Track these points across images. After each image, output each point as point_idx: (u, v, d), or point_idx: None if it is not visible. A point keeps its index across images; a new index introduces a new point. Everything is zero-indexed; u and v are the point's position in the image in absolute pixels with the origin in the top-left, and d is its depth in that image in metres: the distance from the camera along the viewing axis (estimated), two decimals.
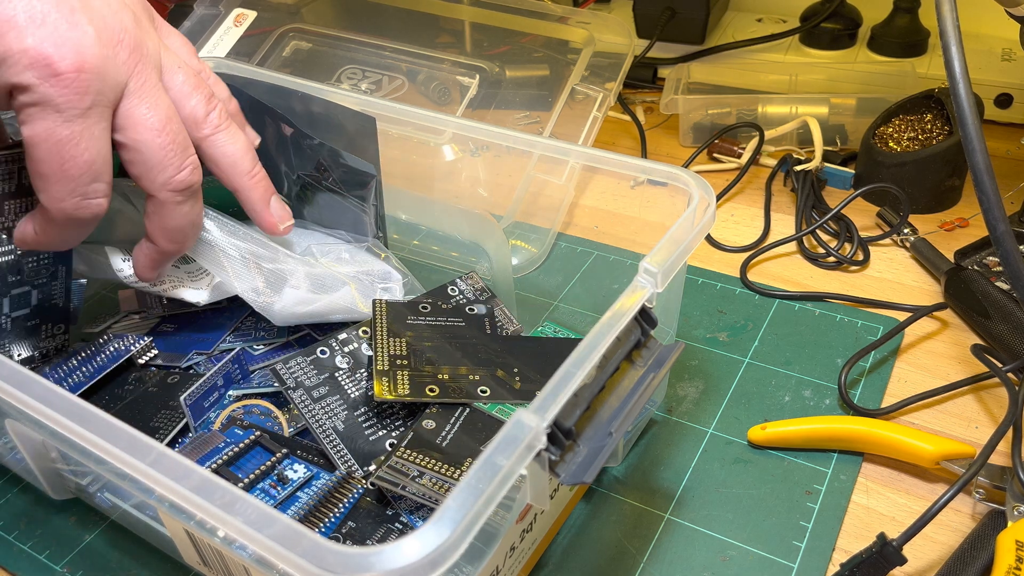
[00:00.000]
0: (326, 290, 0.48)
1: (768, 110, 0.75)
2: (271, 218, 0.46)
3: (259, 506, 0.29)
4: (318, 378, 0.45)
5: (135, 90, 0.38)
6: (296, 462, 0.41)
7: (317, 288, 0.47)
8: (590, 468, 0.33)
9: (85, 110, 0.36)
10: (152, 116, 0.39)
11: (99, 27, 0.37)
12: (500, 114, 0.70)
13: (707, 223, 0.42)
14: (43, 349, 0.49)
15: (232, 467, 0.40)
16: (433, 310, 0.48)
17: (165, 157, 0.39)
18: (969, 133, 0.41)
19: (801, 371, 0.53)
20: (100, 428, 0.32)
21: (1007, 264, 0.42)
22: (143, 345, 0.48)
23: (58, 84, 0.35)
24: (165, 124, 0.39)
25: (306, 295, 0.47)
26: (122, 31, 0.38)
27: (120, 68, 0.38)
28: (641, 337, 0.38)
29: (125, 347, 0.48)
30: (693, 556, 0.43)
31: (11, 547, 0.45)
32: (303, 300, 0.47)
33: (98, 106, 0.37)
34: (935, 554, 0.43)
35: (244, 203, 0.46)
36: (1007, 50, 0.78)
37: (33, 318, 0.48)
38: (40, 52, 0.35)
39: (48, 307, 0.48)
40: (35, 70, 0.35)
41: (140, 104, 0.38)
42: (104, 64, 0.37)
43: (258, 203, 0.46)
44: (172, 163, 0.40)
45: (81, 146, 0.37)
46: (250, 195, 0.45)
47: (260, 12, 0.74)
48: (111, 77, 0.37)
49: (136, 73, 0.38)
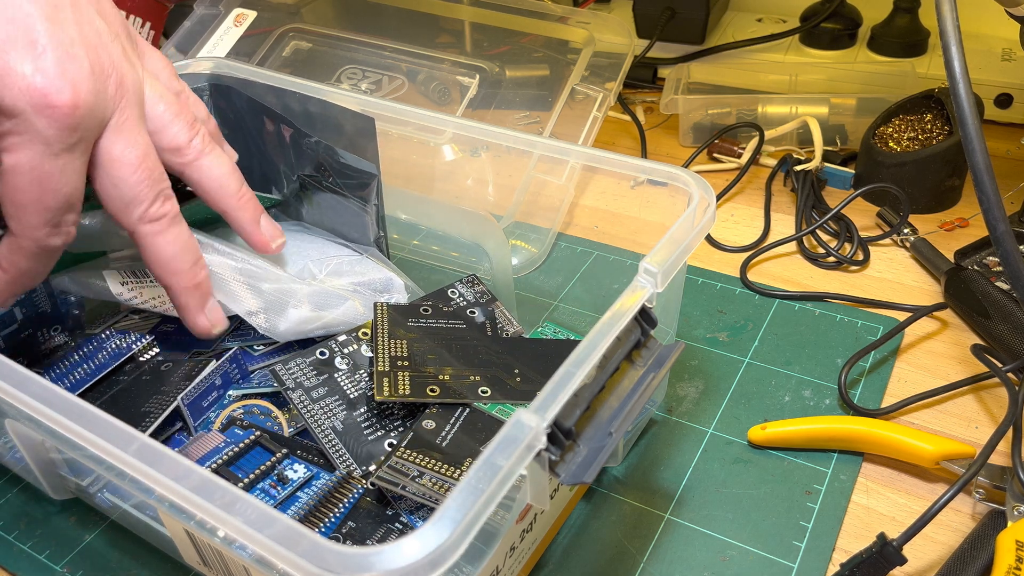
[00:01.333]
0: (329, 308, 0.48)
1: (768, 110, 0.75)
2: (262, 237, 0.46)
3: (259, 506, 0.29)
4: (317, 379, 0.45)
5: (116, 126, 0.38)
6: (296, 462, 0.41)
7: (320, 306, 0.48)
8: (590, 468, 0.33)
9: (72, 145, 0.36)
10: (130, 153, 0.39)
11: (93, 59, 0.37)
12: (500, 114, 0.70)
13: (707, 223, 0.42)
14: (46, 351, 0.49)
15: (232, 467, 0.40)
16: (434, 313, 0.48)
17: (140, 192, 0.39)
18: (969, 133, 0.41)
19: (801, 371, 0.53)
20: (100, 428, 0.32)
21: (1007, 264, 0.42)
22: (145, 344, 0.48)
23: (51, 117, 0.35)
24: (141, 161, 0.39)
25: (309, 314, 0.47)
26: (111, 64, 0.38)
27: (107, 103, 0.37)
28: (641, 337, 0.38)
29: (126, 345, 0.48)
30: (693, 556, 0.43)
31: (11, 547, 0.45)
32: (306, 319, 0.47)
33: (83, 141, 0.37)
34: (935, 554, 0.43)
35: (234, 224, 0.46)
36: (1007, 50, 0.78)
37: (24, 330, 0.47)
38: (38, 84, 0.34)
39: (37, 316, 0.48)
40: (29, 98, 0.34)
41: (119, 141, 0.38)
42: (95, 100, 0.36)
43: (248, 224, 0.46)
44: (146, 197, 0.40)
45: (63, 180, 0.36)
46: (239, 216, 0.45)
47: (260, 12, 0.74)
48: (99, 112, 0.37)
49: (120, 108, 0.38)
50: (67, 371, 0.46)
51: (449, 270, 0.60)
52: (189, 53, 0.70)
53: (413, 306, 0.48)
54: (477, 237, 0.54)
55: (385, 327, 0.46)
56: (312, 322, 0.47)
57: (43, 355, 0.49)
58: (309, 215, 0.55)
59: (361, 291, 0.50)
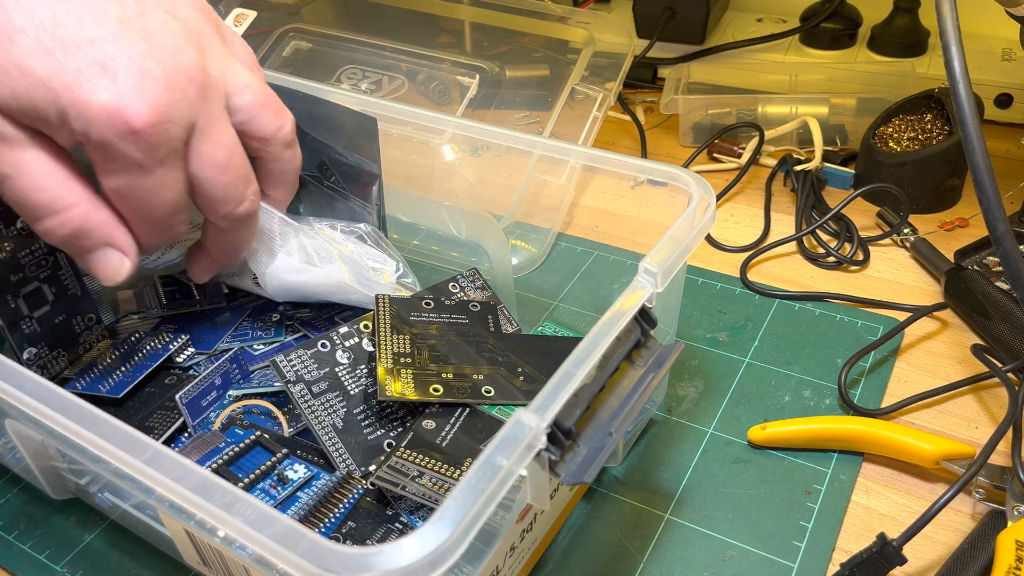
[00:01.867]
0: (317, 262, 0.47)
1: (768, 110, 0.75)
2: None
3: (259, 506, 0.29)
4: (319, 372, 0.44)
5: (202, 128, 0.37)
6: (296, 462, 0.41)
7: (308, 259, 0.47)
8: (590, 468, 0.33)
9: (162, 159, 0.36)
10: (218, 153, 0.38)
11: (167, 68, 0.35)
12: (500, 114, 0.70)
13: (707, 223, 0.42)
14: (86, 344, 0.49)
15: (232, 467, 0.40)
16: (436, 306, 0.48)
17: (228, 192, 0.39)
18: (969, 133, 0.41)
19: (801, 371, 0.53)
20: (99, 428, 0.32)
21: (1007, 264, 0.42)
22: (181, 343, 0.48)
23: (135, 140, 0.34)
24: (229, 160, 0.39)
25: (298, 264, 0.47)
26: (190, 67, 0.36)
27: (189, 109, 0.36)
28: (641, 337, 0.38)
29: (163, 346, 0.48)
30: (693, 556, 0.43)
31: (11, 547, 0.45)
32: (293, 269, 0.47)
33: (173, 152, 0.36)
34: (935, 554, 0.43)
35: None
36: (1007, 50, 0.78)
37: (59, 314, 0.47)
38: (115, 108, 0.34)
39: (68, 299, 0.48)
40: (111, 127, 0.34)
41: (206, 142, 0.38)
42: (175, 110, 0.36)
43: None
44: (234, 197, 0.40)
45: (163, 192, 0.37)
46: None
47: (260, 12, 0.74)
48: (182, 120, 0.36)
49: (203, 111, 0.37)
50: (104, 375, 0.46)
51: (449, 270, 0.60)
52: None
53: (415, 299, 0.48)
54: (477, 237, 0.53)
55: (387, 321, 0.46)
56: (299, 273, 0.47)
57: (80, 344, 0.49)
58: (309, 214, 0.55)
59: (353, 258, 0.49)
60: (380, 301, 0.47)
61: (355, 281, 0.48)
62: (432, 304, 0.48)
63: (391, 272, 0.51)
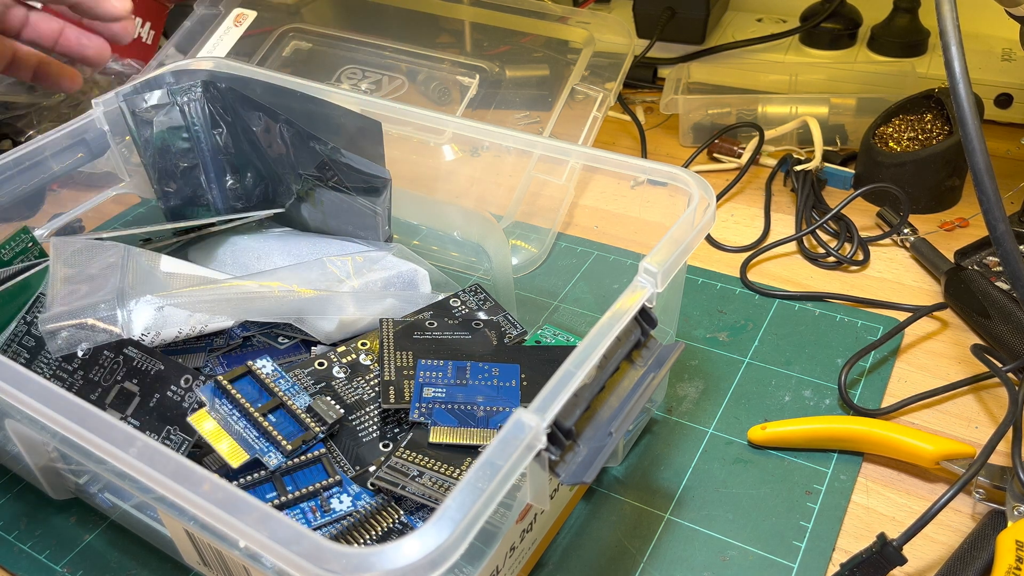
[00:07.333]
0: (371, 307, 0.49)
1: (768, 110, 0.75)
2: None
3: (260, 506, 0.29)
4: (315, 387, 0.45)
5: None
6: (345, 492, 0.41)
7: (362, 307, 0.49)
8: (590, 468, 0.33)
9: None
10: None
11: None
12: (500, 114, 0.70)
13: (707, 223, 0.42)
14: None
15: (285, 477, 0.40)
16: (440, 326, 0.48)
17: None
18: (969, 133, 0.41)
19: (801, 371, 0.53)
20: (100, 428, 0.32)
21: (1007, 264, 0.42)
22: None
23: None
24: None
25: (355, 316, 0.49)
26: None
27: None
28: (641, 337, 0.38)
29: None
30: (693, 556, 0.43)
31: (11, 547, 0.45)
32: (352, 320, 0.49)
33: None
34: (935, 554, 0.43)
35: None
36: (1007, 50, 0.78)
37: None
38: None
39: None
40: None
41: None
42: None
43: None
44: None
45: None
46: None
47: (260, 12, 0.74)
48: None
49: None
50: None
51: (449, 270, 0.60)
52: (189, 53, 0.70)
53: (418, 321, 0.48)
54: (477, 237, 0.53)
55: (391, 340, 0.46)
56: (358, 323, 0.49)
57: None
58: (313, 218, 0.55)
59: (393, 284, 0.51)
60: (384, 325, 0.47)
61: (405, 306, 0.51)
62: (435, 323, 0.48)
63: (425, 285, 0.53)
